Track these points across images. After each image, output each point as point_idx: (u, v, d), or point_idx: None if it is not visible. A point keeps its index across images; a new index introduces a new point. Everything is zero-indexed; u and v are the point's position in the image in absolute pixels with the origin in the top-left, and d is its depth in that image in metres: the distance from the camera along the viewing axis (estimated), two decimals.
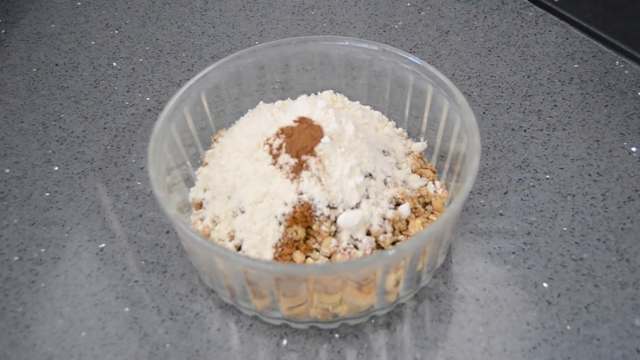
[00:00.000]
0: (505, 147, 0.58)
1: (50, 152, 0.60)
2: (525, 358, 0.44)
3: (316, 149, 0.46)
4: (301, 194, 0.45)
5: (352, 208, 0.46)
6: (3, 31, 0.73)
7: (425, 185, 0.50)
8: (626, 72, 0.65)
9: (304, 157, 0.46)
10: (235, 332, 0.47)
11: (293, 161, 0.46)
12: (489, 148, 0.58)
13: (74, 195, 0.56)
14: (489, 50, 0.68)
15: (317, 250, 0.45)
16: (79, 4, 0.76)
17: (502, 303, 0.47)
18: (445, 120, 0.52)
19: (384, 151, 0.50)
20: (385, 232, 0.46)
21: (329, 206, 0.45)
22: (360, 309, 0.45)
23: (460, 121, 0.49)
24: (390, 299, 0.46)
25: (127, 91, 0.65)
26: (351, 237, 0.45)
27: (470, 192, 0.52)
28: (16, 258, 0.52)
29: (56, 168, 0.58)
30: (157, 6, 0.75)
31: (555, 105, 0.62)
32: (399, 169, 0.50)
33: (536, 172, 0.56)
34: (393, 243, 0.46)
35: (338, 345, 0.46)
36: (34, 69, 0.68)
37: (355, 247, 0.45)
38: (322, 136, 0.46)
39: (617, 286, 0.48)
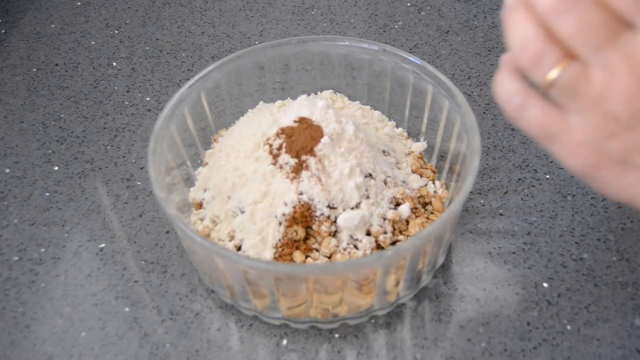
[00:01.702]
0: (505, 147, 0.58)
1: (50, 152, 0.60)
2: (525, 358, 0.44)
3: (316, 149, 0.46)
4: (301, 194, 0.45)
5: (352, 208, 0.46)
6: (3, 31, 0.73)
7: (425, 185, 0.50)
8: None
9: (304, 157, 0.46)
10: (235, 332, 0.47)
11: (293, 161, 0.46)
12: (489, 148, 0.58)
13: (74, 195, 0.56)
14: (489, 50, 0.68)
15: (317, 250, 0.45)
16: (79, 4, 0.76)
17: (502, 303, 0.47)
18: (445, 120, 0.52)
19: (384, 151, 0.50)
20: (385, 232, 0.46)
21: (329, 206, 0.45)
22: (360, 309, 0.45)
23: (460, 121, 0.49)
24: (390, 299, 0.46)
25: (127, 91, 0.65)
26: (351, 237, 0.45)
27: (470, 192, 0.52)
28: (16, 258, 0.52)
29: (56, 168, 0.58)
30: (157, 6, 0.75)
31: None
32: (399, 169, 0.50)
33: (536, 172, 0.56)
34: (393, 243, 0.46)
35: (338, 345, 0.46)
36: (34, 69, 0.68)
37: (355, 247, 0.45)
38: (322, 136, 0.46)
39: (617, 286, 0.48)
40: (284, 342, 0.46)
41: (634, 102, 0.30)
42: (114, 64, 0.68)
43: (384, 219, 0.46)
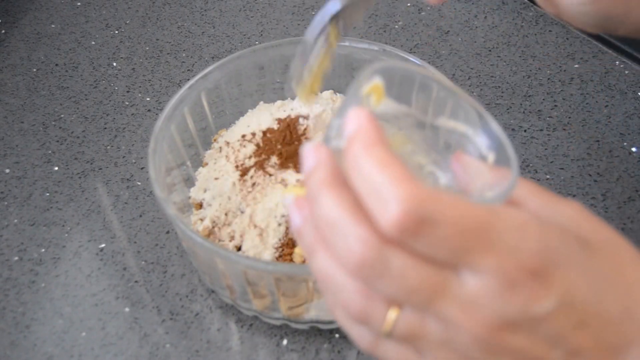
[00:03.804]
0: None
1: (50, 152, 0.60)
2: None
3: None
4: None
5: None
6: (3, 31, 0.73)
7: None
8: (626, 72, 0.65)
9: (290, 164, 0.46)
10: (235, 332, 0.47)
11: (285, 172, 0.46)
12: None
13: (74, 195, 0.56)
14: (489, 50, 0.68)
15: None
16: (79, 4, 0.76)
17: None
18: None
19: None
20: None
21: None
22: None
23: None
24: None
25: (127, 91, 0.65)
26: None
27: None
28: (16, 258, 0.52)
29: (56, 168, 0.58)
30: (157, 6, 0.75)
31: (556, 106, 0.62)
32: None
33: (536, 172, 0.56)
34: None
35: (338, 345, 0.46)
36: (34, 69, 0.68)
37: None
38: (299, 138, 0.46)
39: None
40: (284, 342, 0.46)
41: (482, 344, 0.27)
42: (114, 64, 0.68)
43: None
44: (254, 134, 0.49)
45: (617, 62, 0.66)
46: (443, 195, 0.26)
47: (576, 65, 0.66)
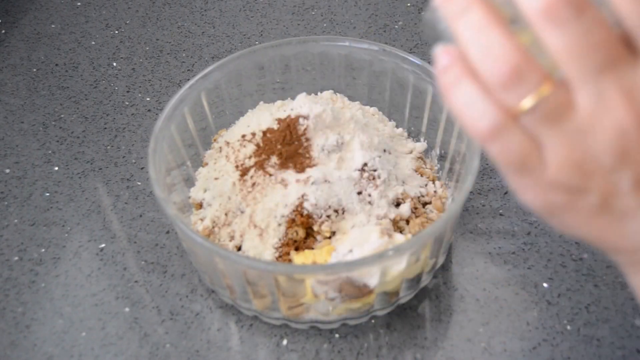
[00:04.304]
0: None
1: (50, 152, 0.60)
2: (525, 358, 0.44)
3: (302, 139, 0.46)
4: (301, 195, 0.45)
5: (354, 208, 0.46)
6: (3, 31, 0.73)
7: (426, 185, 0.50)
8: None
9: (290, 163, 0.46)
10: (235, 332, 0.47)
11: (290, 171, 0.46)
12: None
13: (74, 195, 0.56)
14: None
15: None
16: (79, 4, 0.76)
17: (502, 303, 0.47)
18: (445, 121, 0.52)
19: (384, 150, 0.50)
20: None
21: (329, 207, 0.45)
22: (360, 309, 0.45)
23: None
24: (390, 299, 0.46)
25: (127, 91, 0.65)
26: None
27: (470, 192, 0.52)
28: (16, 258, 0.52)
29: (56, 168, 0.58)
30: (157, 6, 0.75)
31: None
32: (399, 169, 0.50)
33: None
34: None
35: (338, 345, 0.46)
36: (34, 69, 0.68)
37: None
38: (299, 138, 0.47)
39: (617, 286, 0.48)
40: (284, 342, 0.46)
41: (623, 140, 0.26)
42: (114, 64, 0.68)
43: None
44: (254, 134, 0.49)
45: None
46: None
47: None
